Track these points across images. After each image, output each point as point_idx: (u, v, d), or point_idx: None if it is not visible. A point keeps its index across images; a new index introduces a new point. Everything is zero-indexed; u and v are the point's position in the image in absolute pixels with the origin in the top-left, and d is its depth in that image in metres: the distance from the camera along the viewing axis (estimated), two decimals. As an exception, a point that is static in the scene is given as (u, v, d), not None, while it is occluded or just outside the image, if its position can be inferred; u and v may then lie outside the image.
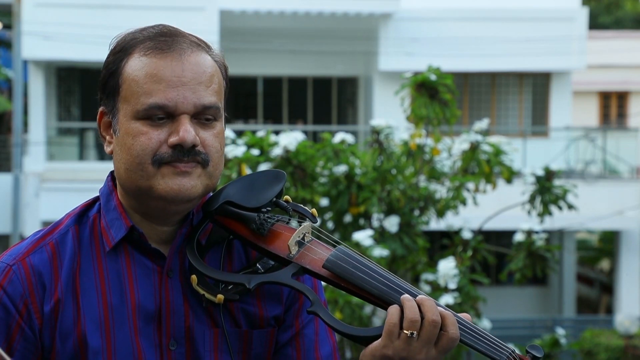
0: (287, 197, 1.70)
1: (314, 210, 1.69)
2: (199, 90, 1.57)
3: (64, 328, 1.58)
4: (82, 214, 1.67)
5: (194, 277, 1.60)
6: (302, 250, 1.61)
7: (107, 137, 1.64)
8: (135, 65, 1.58)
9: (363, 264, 1.57)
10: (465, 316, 1.56)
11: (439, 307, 1.52)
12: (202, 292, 1.59)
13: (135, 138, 1.57)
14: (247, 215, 1.64)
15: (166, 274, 1.62)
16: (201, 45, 1.63)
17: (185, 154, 1.56)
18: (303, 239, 1.63)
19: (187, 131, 1.55)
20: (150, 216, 1.63)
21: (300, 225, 1.64)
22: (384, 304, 1.54)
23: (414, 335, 1.49)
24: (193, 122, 1.57)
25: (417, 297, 1.52)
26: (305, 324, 1.70)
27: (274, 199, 1.68)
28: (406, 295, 1.52)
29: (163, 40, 1.59)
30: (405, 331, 1.49)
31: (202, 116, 1.58)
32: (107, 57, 1.64)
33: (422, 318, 1.50)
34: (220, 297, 1.58)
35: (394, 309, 1.51)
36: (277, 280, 1.59)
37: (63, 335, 1.58)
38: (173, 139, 1.56)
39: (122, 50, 1.61)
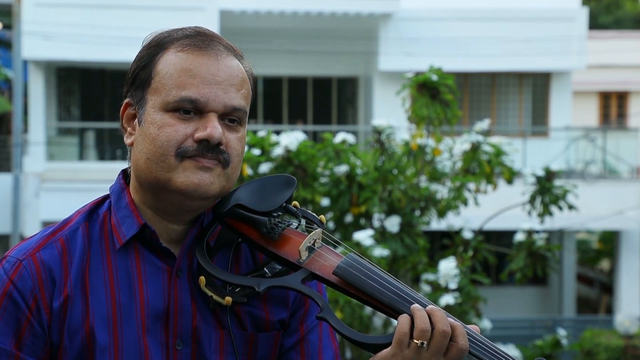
0: (295, 202, 1.71)
1: (322, 217, 1.70)
2: (230, 92, 1.59)
3: (73, 324, 1.59)
4: (92, 211, 1.67)
5: (202, 278, 1.60)
6: (312, 256, 1.61)
7: (129, 129, 1.65)
8: (171, 60, 1.60)
9: (374, 272, 1.58)
10: (474, 328, 1.57)
11: (448, 318, 1.52)
12: (210, 293, 1.60)
13: (162, 129, 1.58)
14: (257, 219, 1.64)
15: (175, 273, 1.63)
16: (236, 51, 1.66)
17: (210, 150, 1.57)
18: (313, 244, 1.63)
19: (216, 127, 1.57)
20: (164, 212, 1.63)
21: (309, 231, 1.65)
22: (394, 313, 1.55)
23: (424, 345, 1.50)
24: (220, 122, 1.59)
25: (427, 307, 1.53)
26: (309, 330, 1.71)
27: (284, 204, 1.68)
28: (416, 305, 1.53)
29: (200, 39, 1.62)
30: (415, 341, 1.50)
31: (229, 117, 1.60)
32: (140, 52, 1.65)
33: (433, 328, 1.51)
34: (228, 299, 1.58)
35: (404, 318, 1.52)
36: (287, 285, 1.59)
37: (71, 332, 1.59)
38: (201, 134, 1.57)
39: (157, 45, 1.63)
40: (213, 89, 1.58)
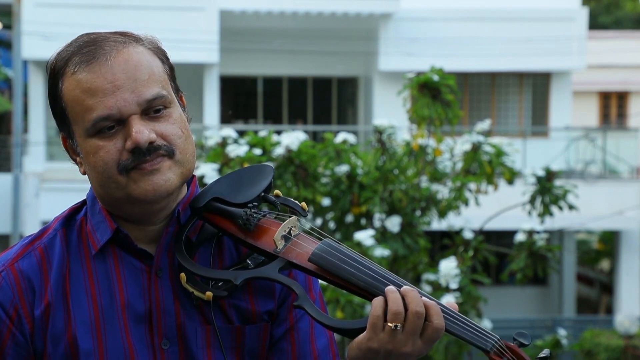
0: (277, 191, 1.69)
1: (303, 204, 1.67)
2: (137, 87, 1.54)
3: (56, 331, 1.58)
4: (70, 218, 1.67)
5: (182, 275, 1.59)
6: (289, 244, 1.59)
7: (78, 159, 1.63)
8: (70, 85, 1.57)
9: (348, 256, 1.56)
10: (451, 305, 1.54)
11: (423, 298, 1.50)
12: (191, 289, 1.59)
13: (96, 155, 1.56)
14: (234, 211, 1.63)
15: (155, 273, 1.62)
16: (127, 40, 1.59)
17: (146, 153, 1.54)
18: (290, 233, 1.61)
19: (139, 132, 1.53)
20: (136, 220, 1.63)
21: (284, 220, 1.63)
22: (370, 296, 1.53)
23: (399, 328, 1.48)
24: (144, 119, 1.55)
25: (401, 289, 1.50)
26: (299, 317, 1.68)
27: (262, 194, 1.66)
28: (390, 287, 1.50)
29: (86, 51, 1.57)
30: (389, 324, 1.48)
31: (151, 110, 1.56)
32: (48, 83, 1.63)
33: (406, 310, 1.48)
34: (209, 294, 1.57)
35: (377, 301, 1.50)
36: (264, 276, 1.58)
37: (54, 339, 1.58)
38: (128, 144, 1.54)
39: (54, 74, 1.60)
40: (118, 95, 1.53)
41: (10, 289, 1.59)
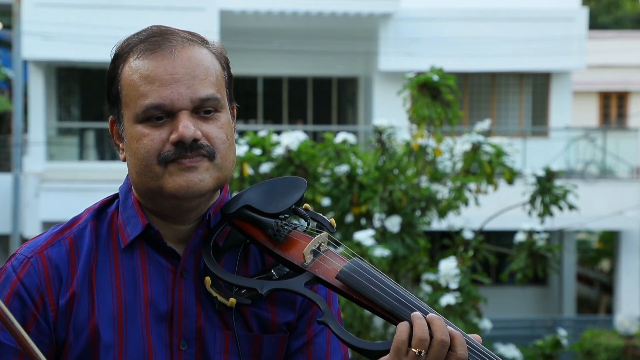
0: (306, 205, 1.70)
1: (332, 220, 1.68)
2: (193, 85, 1.57)
3: (78, 321, 1.60)
4: (101, 210, 1.68)
5: (207, 278, 1.60)
6: (317, 259, 1.61)
7: (120, 145, 1.66)
8: (130, 70, 1.59)
9: (376, 277, 1.57)
10: (475, 337, 1.55)
11: (448, 327, 1.51)
12: (214, 294, 1.60)
13: (139, 141, 1.58)
14: (264, 221, 1.64)
15: (180, 273, 1.63)
16: (194, 39, 1.62)
17: (188, 149, 1.56)
18: (319, 248, 1.62)
19: (186, 126, 1.55)
20: (166, 216, 1.64)
21: (317, 234, 1.64)
22: (395, 320, 1.54)
23: (422, 354, 1.49)
24: (194, 117, 1.57)
25: (427, 316, 1.52)
26: (317, 332, 1.70)
27: (293, 206, 1.67)
28: (417, 313, 1.52)
29: (154, 40, 1.60)
30: (413, 349, 1.49)
31: (202, 109, 1.58)
32: (109, 66, 1.66)
33: (431, 337, 1.50)
34: (233, 300, 1.58)
35: (403, 326, 1.51)
36: (290, 288, 1.59)
37: (77, 329, 1.60)
38: (173, 136, 1.56)
39: (118, 57, 1.63)
40: (174, 87, 1.56)
41: (37, 275, 1.60)
